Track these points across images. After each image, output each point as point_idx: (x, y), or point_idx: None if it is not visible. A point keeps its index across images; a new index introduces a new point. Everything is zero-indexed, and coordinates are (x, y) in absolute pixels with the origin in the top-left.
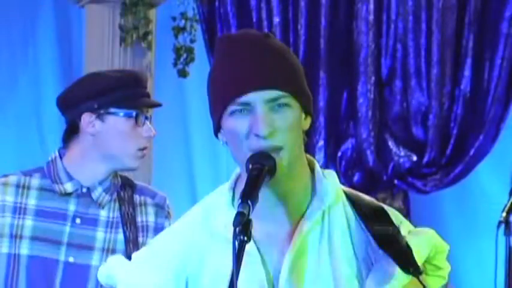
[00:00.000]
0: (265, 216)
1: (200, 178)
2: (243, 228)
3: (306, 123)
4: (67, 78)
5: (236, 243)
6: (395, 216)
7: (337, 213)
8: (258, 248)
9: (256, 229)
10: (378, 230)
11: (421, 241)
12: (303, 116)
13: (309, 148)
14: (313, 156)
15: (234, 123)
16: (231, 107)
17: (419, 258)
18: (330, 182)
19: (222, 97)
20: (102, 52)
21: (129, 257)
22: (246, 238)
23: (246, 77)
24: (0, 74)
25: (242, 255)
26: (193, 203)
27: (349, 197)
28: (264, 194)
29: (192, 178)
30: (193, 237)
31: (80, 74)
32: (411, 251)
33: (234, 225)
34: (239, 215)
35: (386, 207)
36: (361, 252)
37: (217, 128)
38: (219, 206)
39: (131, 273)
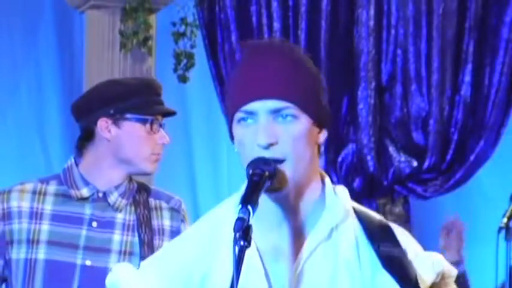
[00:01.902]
0: (273, 230)
1: (201, 184)
2: (243, 233)
3: (321, 136)
4: (68, 84)
5: (236, 248)
6: (404, 237)
7: (345, 230)
8: (263, 262)
9: (263, 242)
10: (383, 250)
11: (427, 266)
12: (317, 129)
13: None
14: None
15: (240, 131)
16: (238, 115)
17: (423, 283)
18: (341, 198)
19: (231, 104)
20: (102, 57)
21: (144, 260)
22: (246, 243)
23: (252, 85)
24: (2, 80)
25: (242, 261)
26: (194, 208)
27: (358, 215)
28: (272, 208)
29: (194, 184)
30: (201, 247)
31: (81, 79)
32: (415, 275)
33: (234, 230)
34: (239, 220)
35: (395, 226)
36: (367, 270)
37: (231, 135)
38: (227, 216)
39: (136, 283)
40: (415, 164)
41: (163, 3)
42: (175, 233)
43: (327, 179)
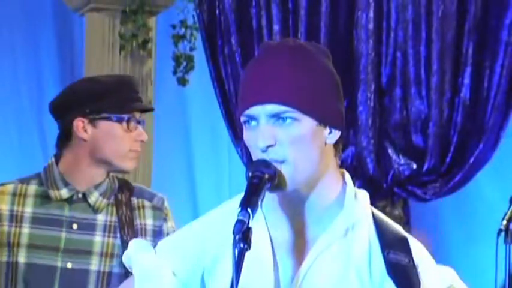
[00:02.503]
0: (287, 223)
1: (201, 185)
2: (242, 235)
3: (332, 137)
4: None
5: (236, 251)
6: (419, 250)
7: (360, 233)
8: (274, 254)
9: (276, 235)
10: (392, 258)
11: (436, 279)
12: (326, 130)
13: None
14: None
15: (246, 133)
16: (242, 118)
17: None
18: (360, 201)
19: (239, 106)
20: (102, 60)
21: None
22: (246, 246)
23: (253, 90)
24: (3, 81)
25: (242, 263)
26: (194, 211)
27: (376, 221)
28: (285, 202)
29: (193, 185)
30: (212, 236)
31: None
32: (419, 285)
33: (233, 233)
34: (238, 222)
35: (412, 240)
36: (376, 276)
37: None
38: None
39: (149, 258)
40: (414, 166)
41: (163, 6)
42: (158, 232)
43: (349, 181)
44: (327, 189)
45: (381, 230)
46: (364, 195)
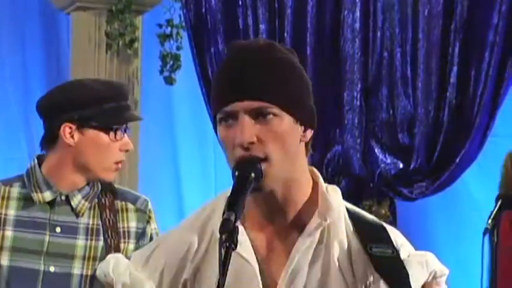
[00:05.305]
0: (267, 227)
1: (187, 185)
2: (229, 235)
3: (306, 135)
4: (54, 85)
5: (222, 250)
6: (397, 237)
7: (338, 230)
8: (257, 258)
9: (258, 239)
10: (376, 252)
11: (420, 265)
12: (301, 128)
13: None
14: None
15: (222, 132)
16: (219, 116)
17: (415, 284)
18: (333, 198)
19: (213, 105)
20: (88, 59)
21: None
22: (232, 245)
23: (231, 87)
24: None
25: (228, 262)
26: (179, 211)
27: (350, 215)
28: (263, 206)
29: (179, 184)
30: (194, 240)
31: (67, 80)
32: (408, 276)
33: (220, 232)
34: (225, 221)
35: (388, 227)
36: (359, 271)
37: (217, 134)
38: (219, 212)
39: (130, 274)
40: (401, 165)
41: (150, 5)
42: (140, 234)
43: (320, 179)
44: (301, 188)
45: (358, 224)
46: (335, 191)
